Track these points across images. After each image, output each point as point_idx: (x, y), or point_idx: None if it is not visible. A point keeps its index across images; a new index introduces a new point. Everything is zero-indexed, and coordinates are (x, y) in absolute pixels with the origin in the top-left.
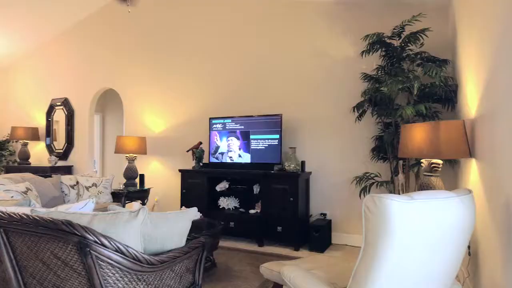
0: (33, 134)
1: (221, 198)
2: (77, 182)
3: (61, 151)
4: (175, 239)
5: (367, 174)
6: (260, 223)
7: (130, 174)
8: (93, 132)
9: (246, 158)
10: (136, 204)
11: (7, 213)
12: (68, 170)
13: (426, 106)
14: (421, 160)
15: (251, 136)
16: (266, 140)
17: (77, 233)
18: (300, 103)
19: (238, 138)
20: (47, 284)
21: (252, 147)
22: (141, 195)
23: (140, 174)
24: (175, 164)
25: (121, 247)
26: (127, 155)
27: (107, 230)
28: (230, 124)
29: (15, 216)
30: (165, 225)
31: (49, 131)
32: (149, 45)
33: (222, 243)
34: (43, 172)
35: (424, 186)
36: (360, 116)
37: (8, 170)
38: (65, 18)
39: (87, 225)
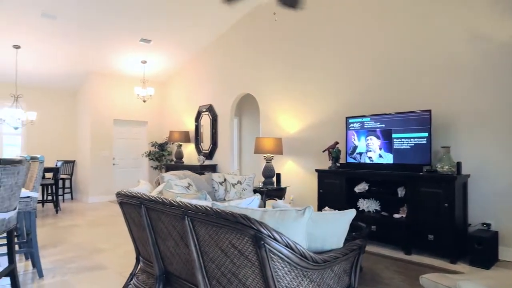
0: (185, 137)
1: (360, 200)
2: (225, 180)
3: (207, 151)
4: (334, 239)
5: None
6: (406, 229)
7: (268, 173)
8: (233, 134)
9: (388, 159)
10: (280, 202)
11: (194, 205)
12: (213, 168)
13: None
14: None
15: (394, 135)
16: (412, 139)
17: (253, 226)
18: (453, 97)
19: (378, 137)
20: (224, 269)
21: (395, 147)
22: (279, 193)
23: (276, 173)
24: (310, 164)
25: (290, 243)
26: (265, 155)
27: (277, 226)
28: (369, 123)
29: (200, 208)
30: (325, 224)
31: (197, 134)
32: (285, 49)
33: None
34: (194, 170)
35: None
36: None
37: (168, 168)
38: (207, 35)
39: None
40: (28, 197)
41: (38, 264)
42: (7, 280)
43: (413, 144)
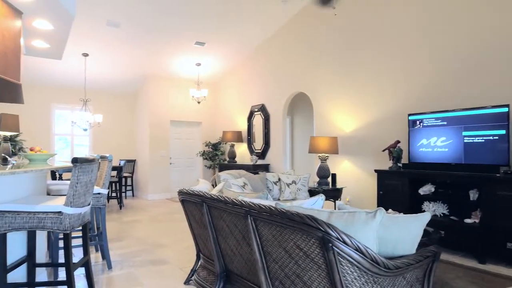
0: (238, 137)
1: (425, 203)
2: (279, 179)
3: (260, 151)
4: (407, 245)
5: None
6: (480, 236)
7: (323, 173)
8: (285, 134)
9: (457, 159)
10: (337, 203)
11: (257, 205)
12: (266, 168)
13: None
14: None
15: (464, 133)
16: (486, 137)
17: (321, 228)
18: None
19: (445, 136)
20: (287, 271)
21: (465, 146)
22: (334, 194)
23: (332, 174)
24: (368, 164)
25: (361, 246)
26: (320, 154)
27: (345, 228)
28: (434, 120)
29: (264, 208)
30: (396, 228)
31: (250, 134)
32: (340, 46)
33: None
34: (247, 169)
35: None
36: None
37: (221, 167)
38: (259, 35)
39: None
40: (99, 193)
41: (107, 256)
42: (81, 270)
43: (487, 143)
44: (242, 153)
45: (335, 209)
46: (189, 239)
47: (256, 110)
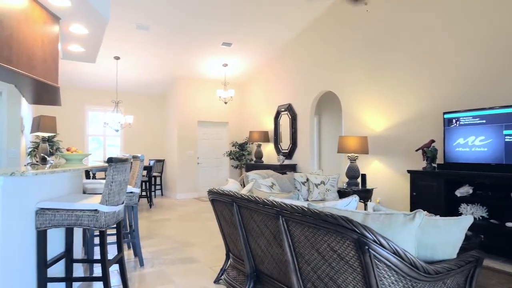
0: (265, 137)
1: (463, 205)
2: (307, 179)
3: (287, 151)
4: (447, 249)
5: None
6: None
7: (352, 173)
8: (313, 133)
9: (498, 159)
10: (370, 204)
11: (289, 205)
12: (293, 168)
13: None
14: None
15: (505, 132)
16: None
17: (357, 230)
18: None
19: (483, 135)
20: (320, 273)
21: (506, 146)
22: (364, 195)
23: (361, 174)
24: (400, 164)
25: (399, 250)
26: (349, 154)
27: (382, 230)
28: (471, 119)
29: (296, 208)
30: (435, 232)
31: (276, 134)
32: (370, 43)
33: None
34: (274, 169)
35: None
36: None
37: (248, 167)
38: (285, 35)
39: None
40: (131, 192)
41: (139, 253)
42: (115, 267)
43: None
44: (268, 153)
45: (365, 210)
46: (218, 238)
47: (282, 109)
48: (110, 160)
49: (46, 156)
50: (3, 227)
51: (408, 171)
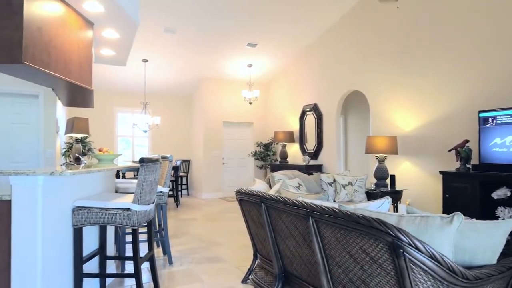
0: (290, 137)
1: (500, 208)
2: (334, 180)
3: (312, 151)
4: (487, 254)
5: None
6: None
7: (381, 174)
8: (339, 134)
9: None
10: (402, 207)
11: (320, 206)
12: (319, 168)
13: None
14: None
15: None
16: None
17: (391, 233)
18: None
19: None
20: (352, 276)
21: None
22: (394, 196)
23: (391, 175)
24: (431, 165)
25: (436, 254)
26: (377, 155)
27: (418, 234)
28: (509, 117)
29: (327, 210)
30: (475, 235)
31: (302, 134)
32: (399, 41)
33: None
34: (299, 169)
35: None
36: None
37: (272, 167)
38: (310, 34)
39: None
40: (161, 192)
41: (168, 252)
42: (146, 264)
43: None
44: (293, 153)
45: (394, 212)
46: (244, 238)
47: (308, 109)
48: (142, 161)
49: (80, 156)
50: (44, 224)
51: (441, 172)
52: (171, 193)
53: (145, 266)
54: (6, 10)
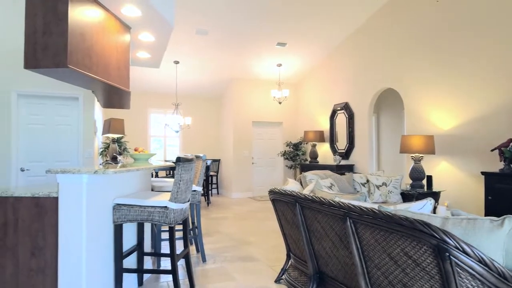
0: (320, 137)
1: None
2: (368, 181)
3: (343, 151)
4: None
5: None
6: None
7: (417, 174)
8: (371, 133)
9: None
10: (442, 209)
11: (358, 207)
12: (350, 168)
13: None
14: None
15: None
16: None
17: (436, 235)
18: None
19: None
20: (392, 279)
21: None
22: (431, 198)
23: (427, 175)
24: (472, 165)
25: (485, 258)
26: (413, 154)
27: (465, 237)
28: None
29: (366, 211)
30: None
31: (332, 133)
32: (436, 36)
33: None
34: (330, 169)
35: None
36: None
37: (302, 167)
38: (340, 32)
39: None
40: (194, 190)
41: (202, 250)
42: (181, 261)
43: None
44: (324, 153)
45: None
46: (276, 237)
47: (339, 108)
48: (178, 160)
49: (117, 156)
50: (88, 220)
51: (482, 173)
52: (202, 192)
53: (180, 263)
54: (52, 17)
